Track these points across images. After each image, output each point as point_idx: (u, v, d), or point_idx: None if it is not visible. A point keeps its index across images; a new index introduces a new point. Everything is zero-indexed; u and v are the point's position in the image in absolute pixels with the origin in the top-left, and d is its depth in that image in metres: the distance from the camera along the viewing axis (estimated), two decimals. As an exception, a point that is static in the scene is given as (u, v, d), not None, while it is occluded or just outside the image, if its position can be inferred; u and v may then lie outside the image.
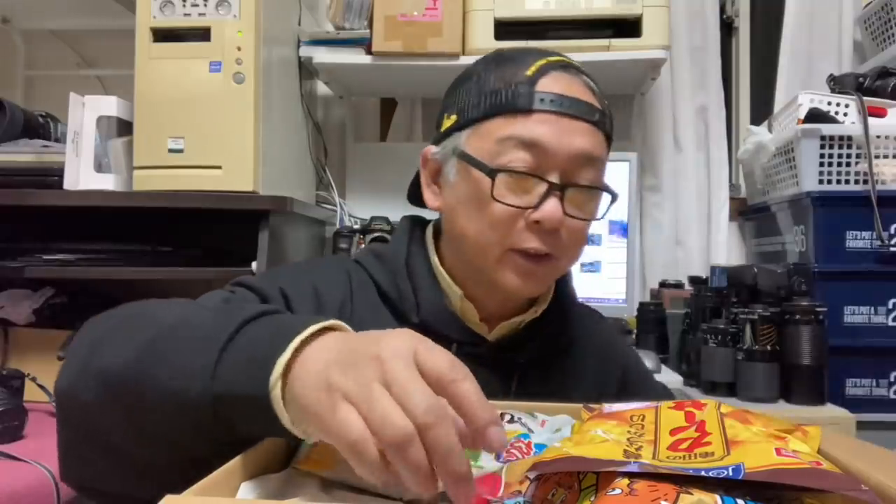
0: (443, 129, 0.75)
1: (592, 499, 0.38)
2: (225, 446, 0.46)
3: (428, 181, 0.78)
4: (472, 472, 0.39)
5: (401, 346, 0.41)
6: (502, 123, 0.69)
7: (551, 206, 0.67)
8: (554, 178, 0.68)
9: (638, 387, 0.88)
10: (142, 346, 0.50)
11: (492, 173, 0.68)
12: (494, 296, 0.75)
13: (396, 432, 0.37)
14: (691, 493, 0.35)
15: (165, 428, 0.48)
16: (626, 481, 0.38)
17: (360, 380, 0.40)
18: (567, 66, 0.72)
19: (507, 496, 0.45)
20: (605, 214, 0.74)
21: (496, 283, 0.71)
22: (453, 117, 0.74)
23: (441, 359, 0.41)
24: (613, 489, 0.37)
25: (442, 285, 0.76)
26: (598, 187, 0.72)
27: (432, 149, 0.76)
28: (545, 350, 0.78)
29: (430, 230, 0.81)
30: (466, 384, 0.40)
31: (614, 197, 0.74)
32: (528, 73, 0.70)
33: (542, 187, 0.68)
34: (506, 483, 0.46)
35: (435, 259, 0.77)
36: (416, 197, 0.83)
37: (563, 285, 0.82)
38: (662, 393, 0.94)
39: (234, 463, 0.46)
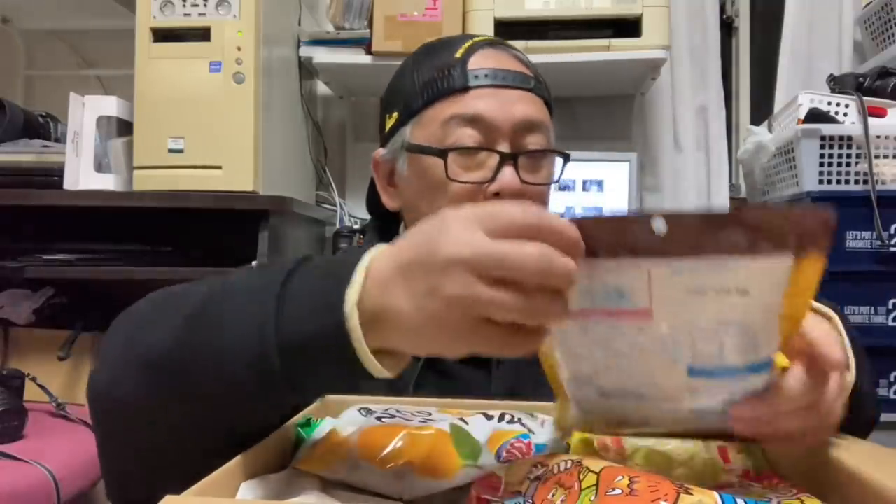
0: (387, 129, 0.76)
1: (593, 498, 0.38)
2: (281, 413, 0.46)
3: (384, 184, 0.78)
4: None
5: (462, 233, 0.39)
6: (442, 107, 0.70)
7: (508, 176, 0.69)
8: (504, 149, 0.69)
9: None
10: (186, 321, 0.47)
11: (442, 154, 0.69)
12: None
13: (527, 307, 0.38)
14: (691, 493, 0.35)
15: (223, 401, 0.46)
16: (626, 481, 0.38)
17: (455, 297, 0.38)
18: (494, 43, 0.74)
19: (507, 496, 0.45)
20: (560, 177, 0.75)
21: None
22: (395, 115, 0.75)
23: (508, 213, 0.39)
24: (614, 489, 0.37)
25: None
26: (548, 150, 0.73)
27: (381, 151, 0.77)
28: None
29: (402, 228, 0.81)
30: (544, 219, 0.39)
31: (566, 158, 0.75)
32: (458, 55, 0.72)
33: (494, 159, 0.69)
34: (506, 483, 0.46)
35: None
36: (374, 205, 0.83)
37: None
38: None
39: (235, 463, 0.46)
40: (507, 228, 0.39)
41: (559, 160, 0.76)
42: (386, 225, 0.82)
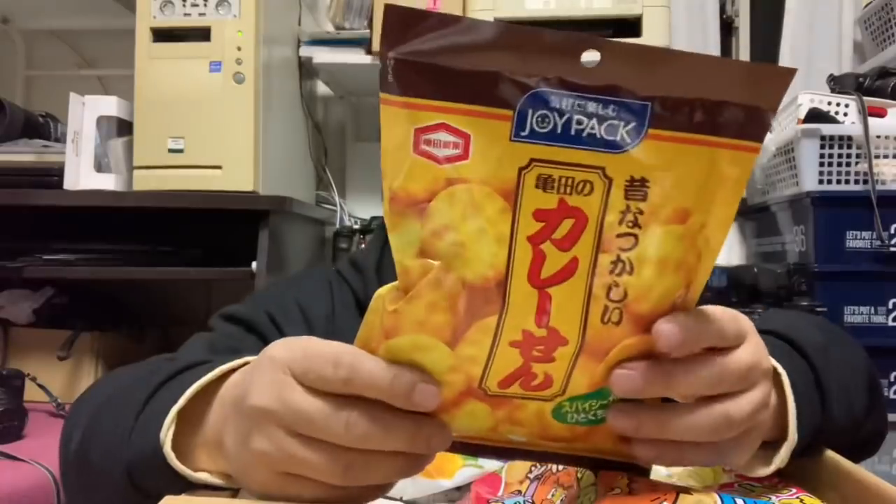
0: None
1: (592, 497, 0.38)
2: None
3: None
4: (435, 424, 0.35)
5: (272, 383, 0.35)
6: None
7: None
8: None
9: None
10: (85, 423, 0.49)
11: None
12: None
13: (335, 472, 0.34)
14: (691, 494, 0.35)
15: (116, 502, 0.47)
16: (625, 480, 0.38)
17: (263, 454, 0.35)
18: None
19: (507, 496, 0.45)
20: None
21: None
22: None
23: (318, 363, 0.34)
24: (613, 488, 0.37)
25: None
26: None
27: None
28: None
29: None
30: (358, 368, 0.34)
31: None
32: None
33: None
34: (506, 483, 0.46)
35: None
36: None
37: None
38: None
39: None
40: (323, 382, 0.34)
41: None
42: None
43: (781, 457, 0.41)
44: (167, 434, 0.41)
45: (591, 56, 0.30)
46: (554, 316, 0.32)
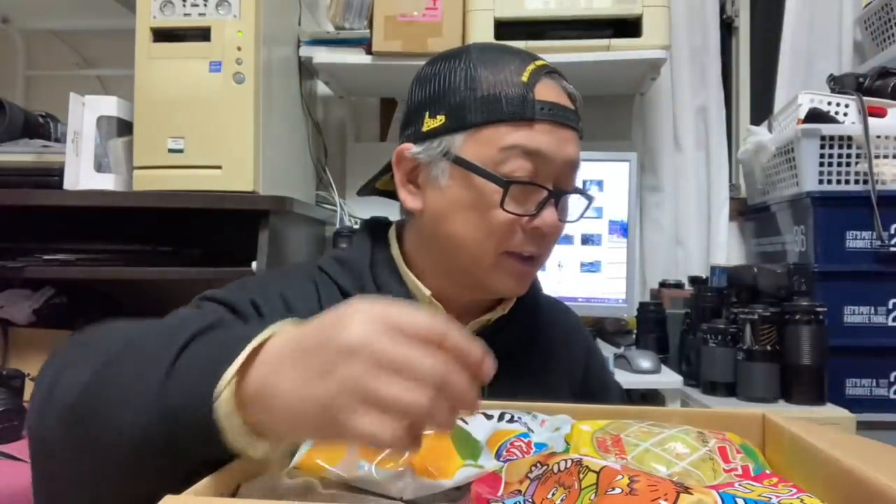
0: (426, 128, 0.73)
1: (593, 497, 0.38)
2: (175, 478, 0.43)
3: (403, 180, 0.76)
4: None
5: (365, 327, 0.41)
6: (505, 131, 0.69)
7: (550, 214, 0.70)
8: (549, 185, 0.70)
9: (598, 372, 0.91)
10: (96, 369, 0.48)
11: (506, 185, 0.68)
12: (473, 295, 0.76)
13: (421, 408, 0.39)
14: (691, 493, 0.35)
15: (121, 457, 0.46)
16: (626, 480, 0.38)
17: (351, 380, 0.40)
18: (551, 72, 0.73)
19: (507, 496, 0.45)
20: (580, 217, 0.78)
21: (490, 286, 0.72)
22: (440, 118, 0.72)
23: (417, 321, 0.41)
24: (614, 488, 0.37)
25: (409, 287, 0.76)
26: (584, 194, 0.76)
27: (412, 147, 0.74)
28: (515, 345, 0.79)
29: (392, 231, 0.81)
30: (451, 336, 0.41)
31: (590, 201, 0.78)
32: (524, 79, 0.70)
33: (541, 195, 0.70)
34: (506, 482, 0.46)
35: (400, 260, 0.78)
36: (367, 190, 0.85)
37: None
38: (618, 391, 0.97)
39: (234, 463, 0.46)
40: (414, 335, 0.41)
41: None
42: (376, 228, 0.83)
43: None
44: (223, 392, 0.43)
45: None
46: None
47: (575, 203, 0.77)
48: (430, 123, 0.73)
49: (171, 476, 0.43)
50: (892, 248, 1.43)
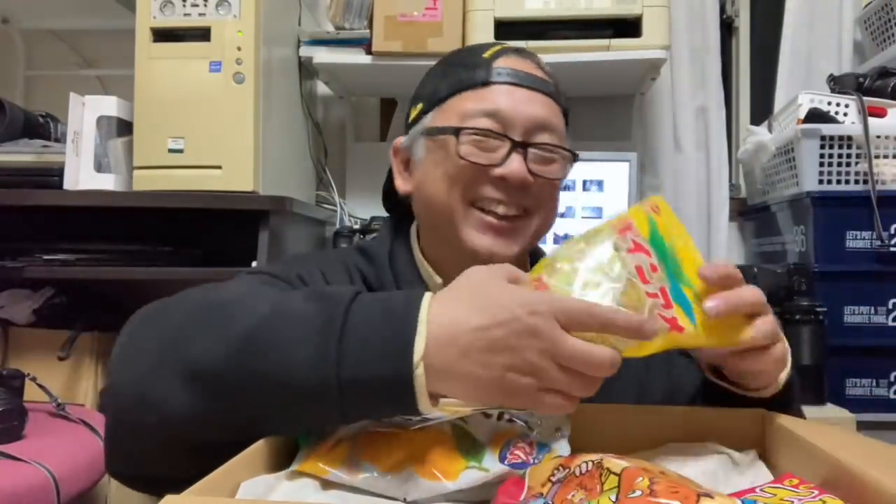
0: (411, 119, 0.80)
1: (613, 498, 0.38)
2: (321, 429, 0.50)
3: (399, 169, 0.82)
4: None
5: (541, 310, 0.46)
6: (464, 98, 0.74)
7: (516, 163, 0.72)
8: (516, 138, 0.72)
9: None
10: (238, 341, 0.50)
11: (456, 132, 0.72)
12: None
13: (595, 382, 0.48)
14: (712, 497, 0.35)
15: (271, 423, 0.50)
16: (646, 482, 0.37)
17: (527, 361, 0.47)
18: (520, 51, 0.78)
19: (530, 498, 0.45)
20: (566, 174, 0.78)
21: (465, 243, 0.73)
22: (419, 106, 0.79)
23: (575, 308, 0.47)
24: (634, 491, 0.37)
25: (423, 275, 0.78)
26: (557, 146, 0.75)
27: (402, 139, 0.81)
28: None
29: (413, 226, 0.84)
30: (602, 313, 0.47)
31: (575, 157, 0.78)
32: (486, 55, 0.76)
33: (506, 147, 0.72)
34: (528, 486, 0.46)
35: (417, 250, 0.80)
36: (389, 197, 0.87)
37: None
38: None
39: (234, 463, 0.46)
40: (580, 326, 0.47)
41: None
42: (400, 223, 0.84)
43: (783, 377, 0.60)
44: (419, 365, 0.47)
45: None
46: None
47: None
48: (413, 114, 0.80)
49: (306, 431, 0.50)
50: (892, 248, 1.43)
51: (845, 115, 1.54)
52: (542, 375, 0.47)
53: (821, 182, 1.48)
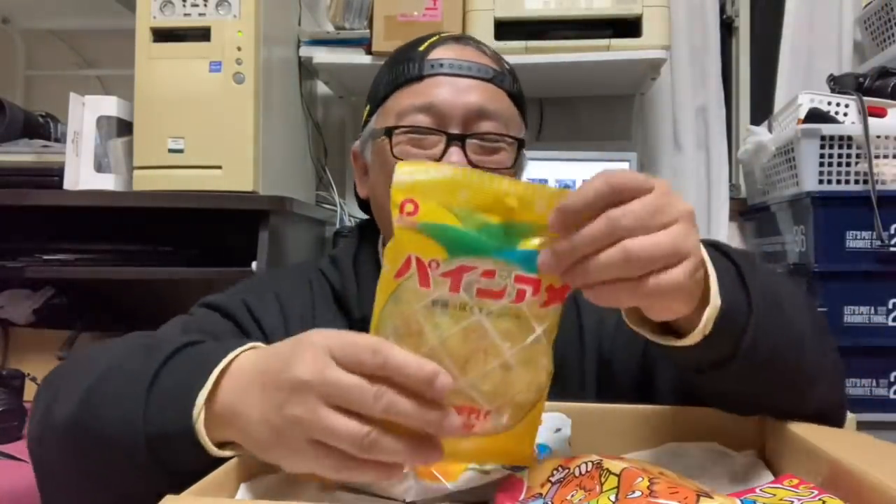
0: (363, 122, 0.81)
1: (613, 498, 0.38)
2: (168, 485, 0.44)
3: (360, 174, 0.82)
4: (445, 412, 0.40)
5: (314, 360, 0.41)
6: (400, 96, 0.73)
7: (455, 157, 0.69)
8: (453, 132, 0.70)
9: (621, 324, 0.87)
10: (80, 398, 0.50)
11: (388, 132, 0.71)
12: None
13: (358, 440, 0.39)
14: (712, 497, 0.35)
15: (115, 477, 0.49)
16: (645, 483, 0.37)
17: (298, 411, 0.40)
18: (459, 38, 0.76)
19: (529, 498, 0.45)
20: (515, 161, 0.74)
21: None
22: (367, 108, 0.79)
23: (356, 349, 0.40)
24: (634, 491, 0.37)
25: None
26: (496, 133, 0.72)
27: (357, 144, 0.81)
28: None
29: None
30: (391, 356, 0.39)
31: (521, 144, 0.74)
32: (421, 48, 0.74)
33: (442, 141, 0.70)
34: (528, 486, 0.46)
35: (381, 254, 0.80)
36: (364, 204, 0.86)
37: None
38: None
39: (234, 463, 0.46)
40: (359, 365, 0.40)
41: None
42: (368, 226, 0.84)
43: (705, 320, 0.46)
44: (199, 416, 0.45)
45: None
46: None
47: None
48: (364, 118, 0.80)
49: (167, 483, 0.43)
50: (892, 248, 1.43)
51: (845, 115, 1.54)
52: (312, 424, 0.40)
53: (821, 182, 1.48)
